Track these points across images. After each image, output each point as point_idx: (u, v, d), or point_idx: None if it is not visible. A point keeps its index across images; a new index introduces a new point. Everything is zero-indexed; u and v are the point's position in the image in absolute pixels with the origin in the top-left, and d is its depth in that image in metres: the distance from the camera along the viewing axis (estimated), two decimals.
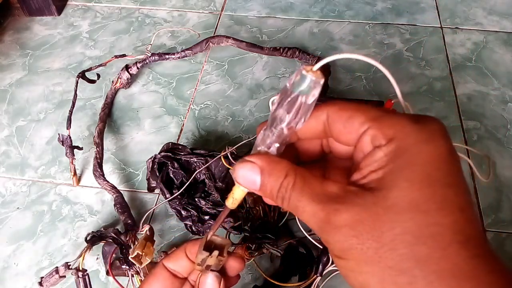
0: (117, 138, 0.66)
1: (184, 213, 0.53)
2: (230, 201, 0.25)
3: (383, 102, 0.63)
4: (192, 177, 0.54)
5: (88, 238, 0.49)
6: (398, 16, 0.84)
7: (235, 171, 0.23)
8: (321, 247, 0.49)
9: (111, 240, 0.49)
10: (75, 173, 0.60)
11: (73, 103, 0.62)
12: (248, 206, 0.52)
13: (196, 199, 0.54)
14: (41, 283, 0.46)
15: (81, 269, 0.46)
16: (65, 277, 0.47)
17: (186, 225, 0.54)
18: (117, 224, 0.56)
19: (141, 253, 0.45)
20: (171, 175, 0.56)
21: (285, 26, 0.83)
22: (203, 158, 0.56)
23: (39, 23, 0.85)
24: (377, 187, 0.19)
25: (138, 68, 0.71)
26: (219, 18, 0.85)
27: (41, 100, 0.72)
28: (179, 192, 0.53)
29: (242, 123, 0.67)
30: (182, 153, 0.57)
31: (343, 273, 0.21)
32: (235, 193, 0.25)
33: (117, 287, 0.48)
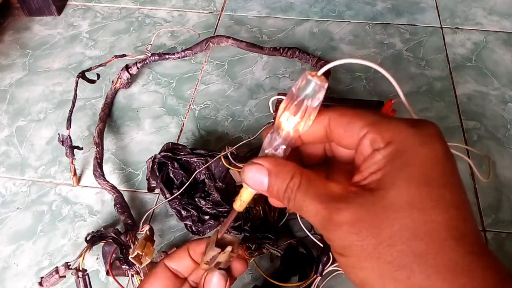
0: (117, 138, 0.66)
1: (184, 213, 0.53)
2: (238, 204, 0.26)
3: (383, 102, 0.63)
4: (192, 177, 0.54)
5: (88, 238, 0.49)
6: (398, 16, 0.84)
7: (243, 173, 0.24)
8: (322, 245, 0.49)
9: (111, 240, 0.49)
10: (75, 173, 0.60)
11: (73, 103, 0.62)
12: (248, 206, 0.52)
13: (196, 199, 0.54)
14: (41, 283, 0.46)
15: (81, 269, 0.46)
16: (65, 277, 0.47)
17: (186, 225, 0.54)
18: (117, 224, 0.56)
19: (141, 253, 0.45)
20: (171, 175, 0.56)
21: (285, 26, 0.83)
22: (203, 158, 0.56)
23: (39, 23, 0.85)
24: (377, 187, 0.20)
25: (138, 68, 0.71)
26: (219, 18, 0.85)
27: (41, 100, 0.72)
28: (179, 192, 0.53)
29: (242, 123, 0.67)
30: (182, 153, 0.57)
31: (344, 270, 0.21)
32: (243, 195, 0.25)
33: (117, 287, 0.48)
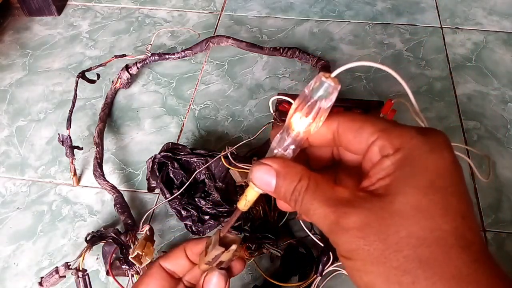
0: (117, 138, 0.66)
1: (184, 213, 0.53)
2: (243, 203, 0.26)
3: (383, 102, 0.63)
4: (192, 177, 0.54)
5: (88, 238, 0.49)
6: (398, 16, 0.84)
7: (251, 173, 0.24)
8: (322, 245, 0.49)
9: (111, 240, 0.49)
10: (75, 173, 0.60)
11: (73, 103, 0.62)
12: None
13: (196, 199, 0.54)
14: (41, 283, 0.46)
15: (81, 269, 0.46)
16: (65, 277, 0.47)
17: (186, 225, 0.54)
18: (117, 224, 0.56)
19: (141, 253, 0.45)
20: (171, 175, 0.56)
21: (285, 26, 0.83)
22: (203, 158, 0.56)
23: (39, 23, 0.85)
24: (385, 193, 0.20)
25: (138, 68, 0.71)
26: (219, 18, 0.85)
27: (41, 100, 0.72)
28: (179, 192, 0.53)
29: (242, 123, 0.67)
30: (182, 153, 0.57)
31: (349, 273, 0.22)
32: (249, 195, 0.25)
33: (117, 287, 0.48)
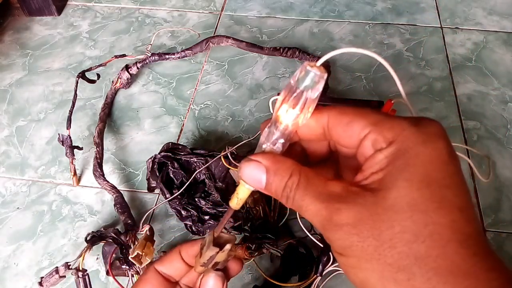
0: (117, 138, 0.66)
1: (184, 213, 0.53)
2: (234, 202, 0.25)
3: (383, 102, 0.63)
4: (192, 177, 0.54)
5: (88, 238, 0.49)
6: (398, 16, 0.84)
7: (240, 170, 0.23)
8: (322, 245, 0.49)
9: (111, 240, 0.49)
10: (75, 173, 0.60)
11: (73, 103, 0.62)
12: (248, 206, 0.52)
13: (196, 199, 0.54)
14: (41, 283, 0.46)
15: (81, 269, 0.46)
16: (65, 277, 0.47)
17: (186, 225, 0.54)
18: (117, 224, 0.56)
19: (141, 253, 0.45)
20: (171, 175, 0.56)
21: (285, 26, 0.83)
22: (203, 158, 0.56)
23: (39, 23, 0.85)
24: (378, 188, 0.20)
25: (138, 68, 0.71)
26: (219, 18, 0.85)
27: (41, 100, 0.72)
28: (179, 192, 0.53)
29: (242, 123, 0.67)
30: (182, 153, 0.57)
31: (344, 270, 0.21)
32: (240, 193, 0.25)
33: (117, 287, 0.48)
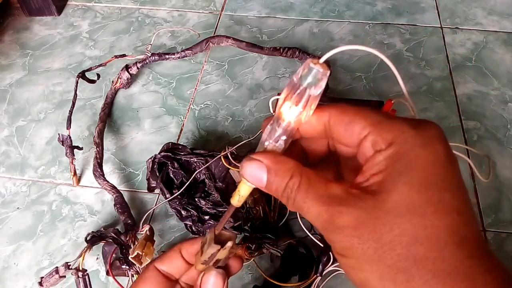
0: (117, 138, 0.66)
1: (184, 213, 0.53)
2: (236, 199, 0.25)
3: (383, 102, 0.63)
4: (192, 177, 0.54)
5: (88, 238, 0.49)
6: (398, 16, 0.84)
7: (242, 168, 0.23)
8: (322, 245, 0.49)
9: (111, 240, 0.49)
10: (75, 173, 0.60)
11: (73, 103, 0.62)
12: (248, 206, 0.52)
13: (196, 199, 0.54)
14: (41, 283, 0.46)
15: (81, 269, 0.46)
16: (65, 277, 0.47)
17: (186, 225, 0.54)
18: (117, 224, 0.56)
19: (141, 253, 0.45)
20: (171, 175, 0.56)
21: (285, 26, 0.83)
22: (203, 158, 0.56)
23: (39, 23, 0.85)
24: (378, 190, 0.20)
25: (138, 68, 0.71)
26: (219, 18, 0.85)
27: (41, 100, 0.72)
28: (179, 192, 0.53)
29: (242, 123, 0.67)
30: (182, 153, 0.57)
31: (345, 270, 0.22)
32: (241, 190, 0.25)
33: (117, 287, 0.48)
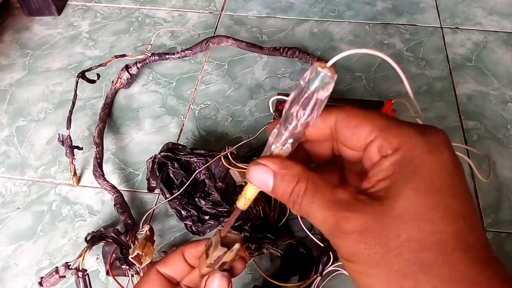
0: (117, 138, 0.66)
1: (184, 213, 0.53)
2: (242, 202, 0.25)
3: (383, 102, 0.63)
4: (192, 177, 0.54)
5: (88, 238, 0.49)
6: (398, 16, 0.84)
7: (248, 172, 0.23)
8: (322, 245, 0.49)
9: (111, 240, 0.49)
10: (75, 173, 0.60)
11: (73, 103, 0.62)
12: (249, 205, 0.52)
13: (196, 199, 0.54)
14: (41, 283, 0.46)
15: (81, 269, 0.46)
16: (65, 277, 0.47)
17: (186, 225, 0.54)
18: (117, 224, 0.56)
19: (141, 253, 0.45)
20: (171, 175, 0.56)
21: (285, 26, 0.83)
22: (203, 158, 0.56)
23: (39, 23, 0.85)
24: (385, 196, 0.20)
25: (138, 68, 0.71)
26: (219, 18, 0.85)
27: (41, 100, 0.72)
28: (179, 192, 0.53)
29: (242, 123, 0.67)
30: (182, 153, 0.57)
31: (351, 275, 0.22)
32: (248, 193, 0.25)
33: (117, 287, 0.48)
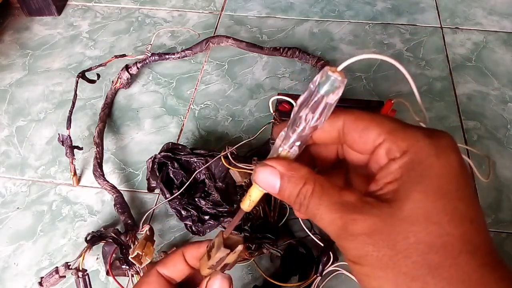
0: (117, 138, 0.66)
1: (184, 213, 0.53)
2: (246, 204, 0.25)
3: (383, 102, 0.63)
4: (192, 177, 0.54)
5: (88, 238, 0.49)
6: (398, 16, 0.84)
7: (255, 174, 0.23)
8: (322, 245, 0.49)
9: (111, 240, 0.49)
10: (75, 173, 0.60)
11: (73, 103, 0.62)
12: None
13: (196, 199, 0.54)
14: (41, 283, 0.46)
15: (81, 269, 0.46)
16: (65, 277, 0.47)
17: (186, 225, 0.54)
18: (117, 224, 0.56)
19: (141, 253, 0.45)
20: (171, 175, 0.56)
21: (285, 26, 0.83)
22: (203, 158, 0.56)
23: (39, 23, 0.85)
24: (393, 199, 0.20)
25: (138, 68, 0.71)
26: (219, 18, 0.85)
27: (41, 100, 0.72)
28: (179, 192, 0.53)
29: (242, 123, 0.67)
30: (182, 153, 0.57)
31: (358, 278, 0.22)
32: (253, 195, 0.25)
33: (117, 287, 0.48)
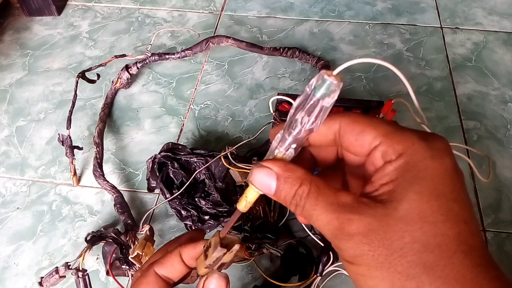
0: (117, 138, 0.66)
1: (184, 213, 0.53)
2: (243, 204, 0.25)
3: (383, 102, 0.63)
4: (192, 177, 0.54)
5: (88, 238, 0.49)
6: (398, 16, 0.84)
7: (251, 175, 0.23)
8: (322, 245, 0.49)
9: (111, 240, 0.49)
10: (75, 173, 0.60)
11: (73, 103, 0.62)
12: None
13: (196, 199, 0.54)
14: (41, 283, 0.46)
15: (81, 269, 0.46)
16: (65, 277, 0.47)
17: (186, 225, 0.54)
18: (117, 224, 0.56)
19: (141, 253, 0.46)
20: (171, 175, 0.56)
21: (285, 26, 0.83)
22: (203, 158, 0.56)
23: (39, 23, 0.85)
24: (388, 199, 0.21)
25: (138, 68, 0.71)
26: (219, 18, 0.85)
27: (41, 100, 0.72)
28: (179, 192, 0.53)
29: (242, 123, 0.67)
30: (182, 153, 0.57)
31: (353, 277, 0.22)
32: (249, 196, 0.25)
33: (117, 287, 0.48)
